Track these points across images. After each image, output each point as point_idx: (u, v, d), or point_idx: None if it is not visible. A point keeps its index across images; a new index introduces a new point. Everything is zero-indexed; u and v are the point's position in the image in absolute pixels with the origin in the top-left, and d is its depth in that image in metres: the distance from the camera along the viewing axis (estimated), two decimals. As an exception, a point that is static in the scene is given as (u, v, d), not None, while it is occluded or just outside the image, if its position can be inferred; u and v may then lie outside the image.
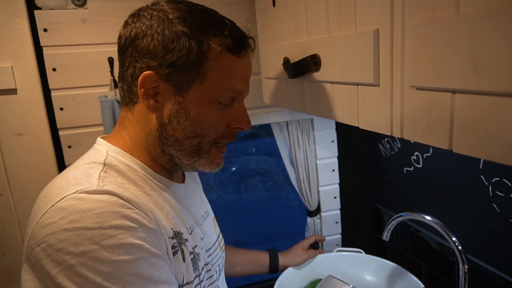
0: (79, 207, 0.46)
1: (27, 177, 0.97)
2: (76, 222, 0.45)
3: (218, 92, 0.57)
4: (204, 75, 0.56)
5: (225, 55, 0.57)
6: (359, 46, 0.55)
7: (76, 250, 0.44)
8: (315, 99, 0.73)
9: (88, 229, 0.44)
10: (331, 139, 1.28)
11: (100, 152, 0.58)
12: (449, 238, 0.79)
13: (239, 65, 0.59)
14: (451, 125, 0.41)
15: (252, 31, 1.08)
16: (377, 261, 1.08)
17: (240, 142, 1.64)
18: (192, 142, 0.59)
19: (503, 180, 0.78)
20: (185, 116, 0.57)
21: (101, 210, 0.46)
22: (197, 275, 0.61)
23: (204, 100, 0.57)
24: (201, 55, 0.55)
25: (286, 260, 1.09)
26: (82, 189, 0.48)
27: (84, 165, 0.55)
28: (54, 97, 0.99)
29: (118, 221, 0.47)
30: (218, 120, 0.59)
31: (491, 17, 0.34)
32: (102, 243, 0.44)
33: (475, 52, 0.36)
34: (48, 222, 0.46)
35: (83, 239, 0.44)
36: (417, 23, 0.43)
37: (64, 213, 0.46)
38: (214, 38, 0.56)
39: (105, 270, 0.44)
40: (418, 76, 0.44)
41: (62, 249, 0.44)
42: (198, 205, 0.73)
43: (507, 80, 0.33)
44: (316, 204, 1.33)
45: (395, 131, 0.51)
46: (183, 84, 0.55)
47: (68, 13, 0.96)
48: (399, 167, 1.15)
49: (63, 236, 0.44)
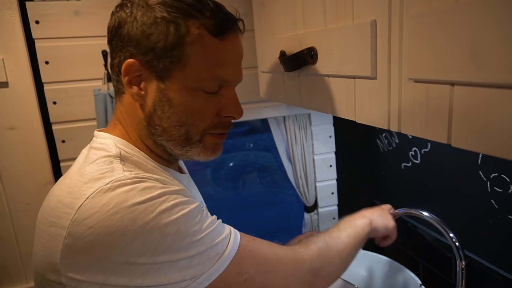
0: (120, 191, 0.46)
1: (19, 172, 0.95)
2: (124, 202, 0.45)
3: (201, 80, 0.54)
4: (185, 60, 0.53)
5: (206, 38, 0.53)
6: (356, 38, 0.54)
7: (134, 226, 0.45)
8: (312, 93, 0.72)
9: (139, 204, 0.46)
10: (328, 134, 1.27)
11: (109, 145, 0.56)
12: (446, 234, 0.78)
13: (223, 49, 0.55)
14: (449, 119, 0.40)
15: (248, 25, 1.06)
16: (374, 257, 1.07)
17: (237, 137, 1.63)
18: (180, 131, 0.56)
19: (502, 175, 0.78)
20: (168, 104, 0.55)
21: (142, 187, 0.47)
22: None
23: (186, 87, 0.54)
24: (180, 39, 0.52)
25: None
26: (116, 178, 0.48)
27: (100, 158, 0.53)
28: (47, 90, 0.97)
29: (161, 190, 0.48)
30: (204, 108, 0.56)
31: (490, 7, 0.32)
32: (157, 211, 0.46)
33: (474, 42, 0.34)
34: (89, 214, 0.45)
35: (138, 213, 0.45)
36: (415, 13, 0.42)
37: (105, 200, 0.45)
38: (193, 20, 0.53)
39: (171, 230, 0.46)
40: (416, 68, 0.43)
41: (116, 231, 0.44)
42: (198, 196, 0.73)
43: (507, 71, 0.31)
44: (314, 200, 1.32)
45: (393, 125, 0.50)
46: (164, 71, 0.53)
47: (60, 5, 0.94)
48: (397, 162, 1.14)
49: (113, 220, 0.44)
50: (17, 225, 0.98)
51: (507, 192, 0.77)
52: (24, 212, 0.98)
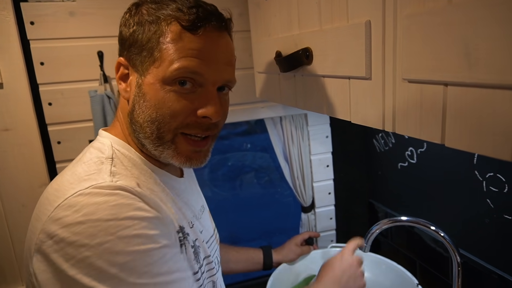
0: (94, 200, 0.46)
1: (14, 173, 0.95)
2: (91, 214, 0.45)
3: (172, 73, 0.53)
4: (159, 54, 0.54)
5: (180, 33, 0.53)
6: (351, 39, 0.54)
7: (92, 242, 0.43)
8: (307, 93, 0.72)
9: (104, 221, 0.44)
10: (325, 134, 1.27)
11: (105, 145, 0.57)
12: (438, 236, 0.78)
13: (198, 44, 0.54)
14: (443, 119, 0.40)
15: (244, 25, 1.07)
16: (371, 257, 1.07)
17: (234, 138, 1.63)
18: (152, 127, 0.55)
19: (497, 175, 0.78)
20: (142, 98, 0.55)
21: (115, 203, 0.46)
22: (199, 267, 0.62)
23: (159, 81, 0.54)
24: (155, 33, 0.54)
25: (280, 257, 1.09)
26: (96, 184, 0.48)
27: (93, 159, 0.54)
28: (42, 91, 0.96)
29: (133, 212, 0.47)
30: (176, 105, 0.54)
31: (483, 6, 0.32)
32: (117, 234, 0.45)
33: (467, 42, 0.34)
34: (61, 216, 0.45)
35: (99, 230, 0.44)
36: (409, 13, 0.42)
37: (77, 206, 0.45)
38: (169, 18, 0.54)
39: (121, 261, 0.44)
40: (410, 69, 0.43)
41: (76, 242, 0.43)
42: (196, 199, 0.73)
43: (500, 71, 0.32)
44: (311, 200, 1.32)
45: (387, 125, 0.50)
46: (143, 65, 0.56)
47: (55, 6, 0.93)
48: (393, 162, 1.14)
49: (78, 229, 0.44)
50: (12, 226, 0.97)
51: (502, 191, 0.77)
52: (19, 213, 0.97)
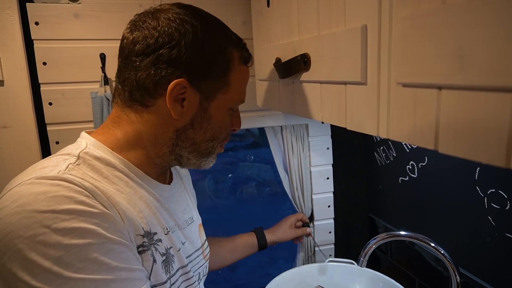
0: (32, 190, 0.44)
1: (10, 171, 0.94)
2: (27, 205, 0.43)
3: (235, 102, 0.63)
4: (229, 84, 0.61)
5: (241, 66, 0.63)
6: (347, 43, 0.53)
7: (25, 233, 0.42)
8: (305, 100, 0.71)
9: (39, 212, 0.43)
10: (326, 146, 1.25)
11: (79, 145, 0.57)
12: (438, 253, 0.75)
13: (247, 75, 0.66)
14: (436, 124, 0.38)
15: (248, 33, 1.07)
16: (370, 273, 1.04)
17: (238, 150, 1.63)
18: (208, 145, 0.63)
19: (499, 191, 0.75)
20: (207, 121, 0.60)
21: (55, 194, 0.44)
22: (168, 277, 0.59)
23: (225, 107, 0.62)
24: (228, 65, 0.59)
25: (274, 238, 1.11)
26: (40, 175, 0.46)
27: (58, 155, 0.54)
28: (43, 91, 0.97)
29: (72, 206, 0.45)
30: (229, 124, 0.65)
31: (475, 7, 0.31)
32: (53, 227, 0.43)
33: (460, 44, 0.33)
34: (2, 206, 0.44)
35: (33, 222, 0.42)
36: (404, 17, 0.41)
37: (16, 196, 0.44)
38: (234, 50, 0.61)
39: (55, 254, 0.42)
40: (404, 72, 0.42)
41: (11, 233, 0.42)
42: (183, 210, 0.71)
43: (492, 74, 0.30)
44: (310, 212, 1.30)
45: (381, 131, 0.49)
46: (211, 91, 0.59)
47: (60, 7, 0.94)
48: (394, 176, 1.11)
49: (13, 220, 0.42)
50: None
51: (504, 208, 0.75)
52: (13, 213, 0.96)
